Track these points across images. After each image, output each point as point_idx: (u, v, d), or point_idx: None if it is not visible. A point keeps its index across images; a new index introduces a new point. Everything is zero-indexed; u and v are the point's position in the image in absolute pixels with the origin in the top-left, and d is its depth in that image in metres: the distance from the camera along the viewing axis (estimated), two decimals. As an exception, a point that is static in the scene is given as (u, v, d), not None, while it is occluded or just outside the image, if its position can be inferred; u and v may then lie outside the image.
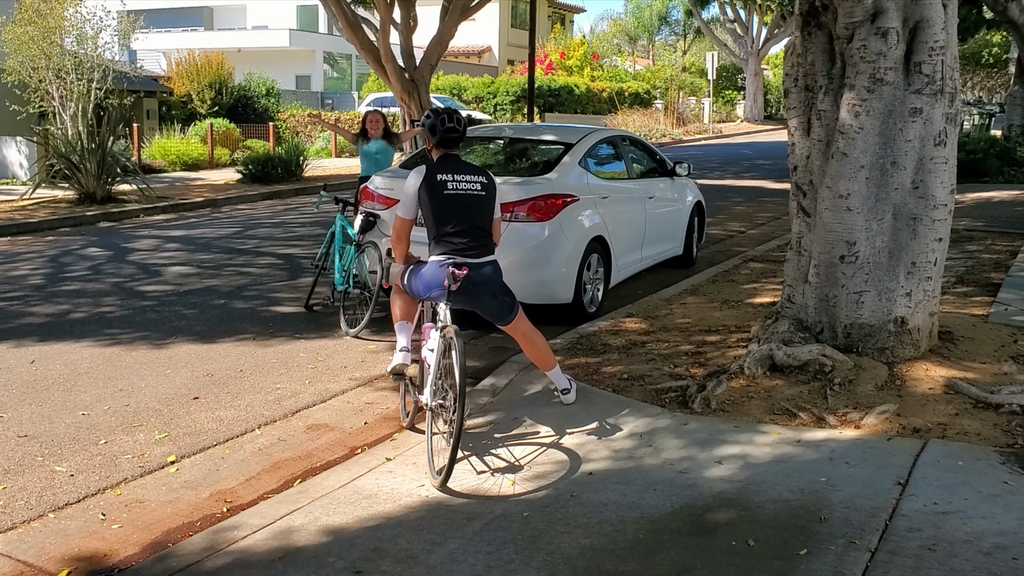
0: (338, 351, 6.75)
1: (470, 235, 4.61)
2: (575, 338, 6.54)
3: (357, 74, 44.66)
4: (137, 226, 13.64)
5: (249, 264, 10.19)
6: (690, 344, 6.24)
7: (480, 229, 4.67)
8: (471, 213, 4.64)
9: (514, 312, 4.80)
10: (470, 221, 4.63)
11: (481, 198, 4.69)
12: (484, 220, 4.71)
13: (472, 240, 4.61)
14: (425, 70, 21.67)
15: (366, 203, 7.58)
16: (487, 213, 4.73)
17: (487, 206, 4.73)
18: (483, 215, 4.70)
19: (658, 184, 8.99)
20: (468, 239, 4.60)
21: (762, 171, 21.62)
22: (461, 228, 4.60)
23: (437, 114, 4.70)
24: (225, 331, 7.28)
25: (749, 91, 49.62)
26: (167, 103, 28.19)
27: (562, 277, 7.15)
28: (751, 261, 9.61)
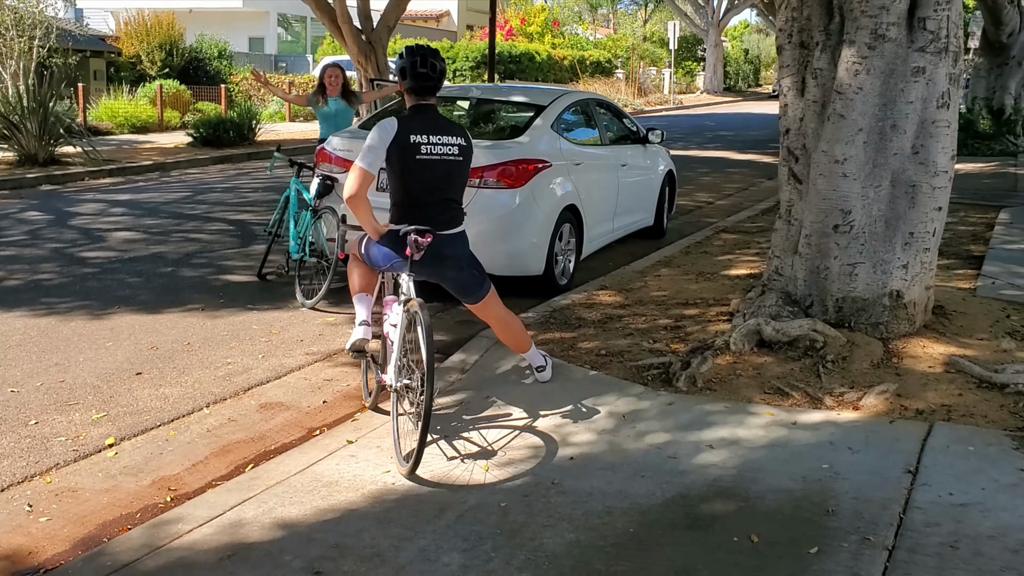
0: (294, 324, 6.32)
1: (440, 207, 4.20)
2: (547, 312, 6.18)
3: (312, 37, 43.58)
4: (81, 189, 12.97)
5: (198, 230, 9.67)
6: (668, 318, 5.92)
7: (452, 201, 4.26)
8: (445, 183, 4.20)
9: (484, 288, 4.40)
10: (442, 192, 4.20)
11: (458, 164, 4.25)
12: (458, 190, 4.29)
13: (441, 212, 4.21)
14: (382, 32, 21.00)
15: (323, 165, 7.12)
16: (462, 182, 4.31)
17: (463, 174, 4.31)
18: (458, 185, 4.29)
19: (631, 151, 8.63)
20: (437, 211, 4.19)
21: (725, 142, 21.38)
22: (431, 199, 4.18)
23: (411, 53, 4.21)
24: (172, 301, 6.81)
25: (709, 62, 49.40)
26: (115, 64, 27.17)
27: (533, 248, 6.77)
28: (723, 232, 9.32)
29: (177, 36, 27.89)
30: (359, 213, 4.18)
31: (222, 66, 28.84)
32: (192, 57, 27.99)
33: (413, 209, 4.17)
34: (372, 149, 4.13)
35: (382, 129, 4.16)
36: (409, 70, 4.18)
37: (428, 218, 4.15)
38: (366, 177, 4.12)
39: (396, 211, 4.21)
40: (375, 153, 4.12)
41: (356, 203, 4.14)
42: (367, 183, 4.13)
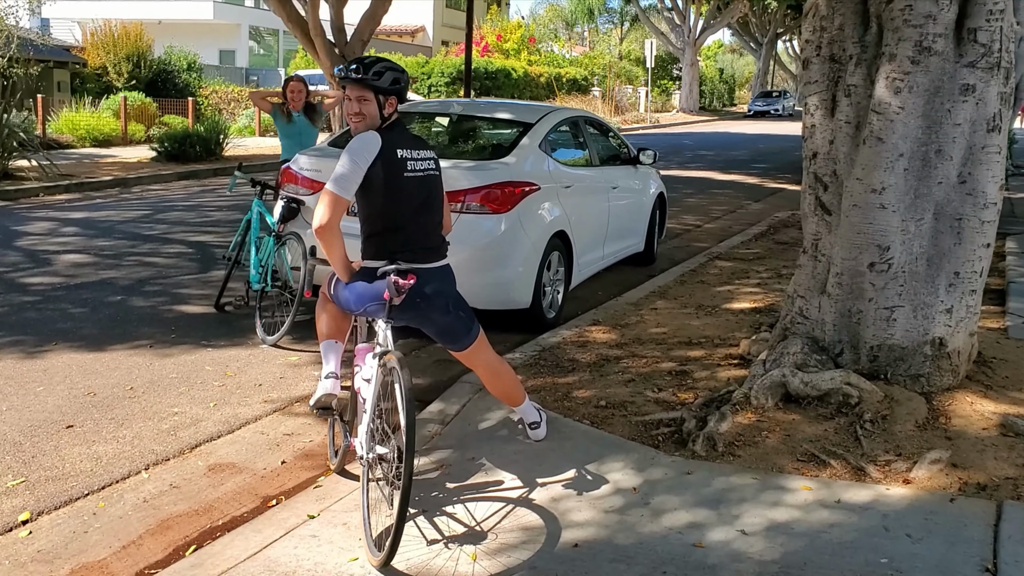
0: (252, 363, 5.64)
1: (424, 231, 3.59)
2: (536, 352, 5.55)
3: (285, 51, 42.85)
4: (34, 206, 12.20)
5: (155, 253, 8.95)
6: (671, 361, 5.31)
7: (435, 224, 3.66)
8: (427, 203, 3.60)
9: (472, 333, 3.77)
10: (426, 213, 3.60)
11: (436, 180, 3.68)
12: (439, 210, 3.70)
13: (425, 238, 3.59)
14: (356, 46, 20.41)
15: (288, 187, 6.46)
16: (440, 198, 3.73)
17: (440, 191, 3.73)
18: (438, 203, 3.70)
19: (622, 173, 8.05)
20: (421, 237, 3.57)
21: (707, 162, 20.92)
22: (414, 224, 3.56)
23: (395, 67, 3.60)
24: (118, 336, 6.11)
25: (685, 81, 49.22)
26: (80, 75, 26.32)
27: (520, 278, 6.15)
28: (717, 259, 8.74)
29: (145, 48, 27.10)
30: (330, 248, 3.54)
31: (191, 79, 28.07)
32: (160, 69, 27.20)
33: (394, 238, 3.53)
34: (350, 169, 3.47)
35: (363, 144, 3.51)
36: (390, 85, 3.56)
37: (412, 249, 3.53)
38: (340, 204, 3.47)
39: (372, 244, 3.57)
40: (353, 174, 3.47)
41: (328, 236, 3.49)
42: (341, 211, 3.48)
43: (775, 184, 16.87)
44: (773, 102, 50.91)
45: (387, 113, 3.59)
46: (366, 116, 3.57)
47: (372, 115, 3.58)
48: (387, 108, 3.59)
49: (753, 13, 52.01)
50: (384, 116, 3.59)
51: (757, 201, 14.42)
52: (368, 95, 3.55)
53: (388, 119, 3.60)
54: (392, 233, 3.53)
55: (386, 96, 3.58)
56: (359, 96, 3.55)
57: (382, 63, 3.59)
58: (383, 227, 3.54)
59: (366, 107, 3.56)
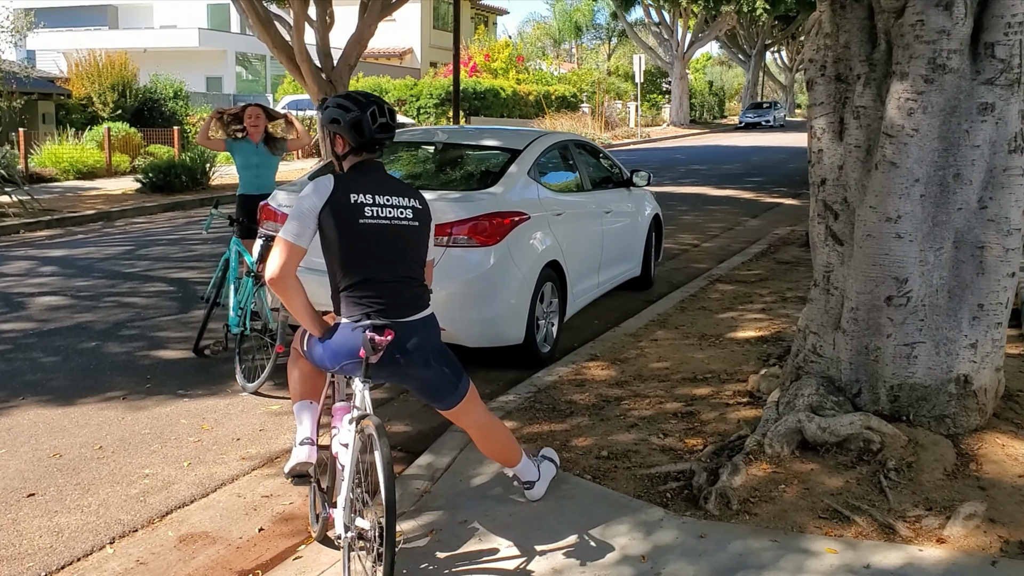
0: (231, 414, 5.31)
1: (395, 286, 3.26)
2: (531, 393, 5.24)
3: (272, 76, 42.69)
4: (13, 244, 11.88)
5: (134, 292, 8.63)
6: (676, 401, 5.00)
7: (409, 278, 3.32)
8: (398, 254, 3.27)
9: (460, 390, 3.45)
10: (396, 266, 3.26)
11: (413, 231, 3.33)
12: (415, 264, 3.35)
13: (399, 293, 3.27)
14: (343, 70, 20.20)
15: (267, 224, 6.16)
16: (420, 252, 3.38)
17: (420, 242, 3.38)
18: (414, 256, 3.35)
19: (615, 196, 7.76)
20: (393, 292, 3.26)
21: (700, 177, 20.68)
22: (383, 277, 3.24)
23: (364, 105, 3.28)
24: (90, 387, 5.78)
25: (675, 95, 49.14)
26: (65, 106, 26.05)
27: (512, 313, 5.85)
28: (718, 282, 8.45)
29: (130, 77, 26.86)
30: (289, 301, 3.23)
31: (178, 107, 27.81)
32: (147, 98, 26.95)
33: (361, 293, 3.22)
34: (300, 215, 3.19)
35: (314, 189, 3.23)
36: (368, 124, 3.26)
37: (382, 303, 3.21)
38: (293, 253, 3.17)
39: (341, 300, 3.26)
40: (304, 220, 3.18)
41: (282, 287, 3.19)
42: (295, 260, 3.18)
43: (771, 199, 16.62)
44: (764, 113, 50.83)
45: (339, 151, 3.30)
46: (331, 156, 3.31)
47: (328, 153, 3.31)
48: (337, 146, 3.31)
49: (741, 25, 52.04)
50: (337, 154, 3.31)
51: (754, 217, 14.16)
52: (321, 131, 3.29)
53: (341, 159, 3.31)
54: (360, 288, 3.22)
55: (329, 134, 3.31)
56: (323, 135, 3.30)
57: (335, 98, 3.31)
58: (349, 281, 3.23)
59: (327, 146, 3.29)
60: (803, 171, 22.67)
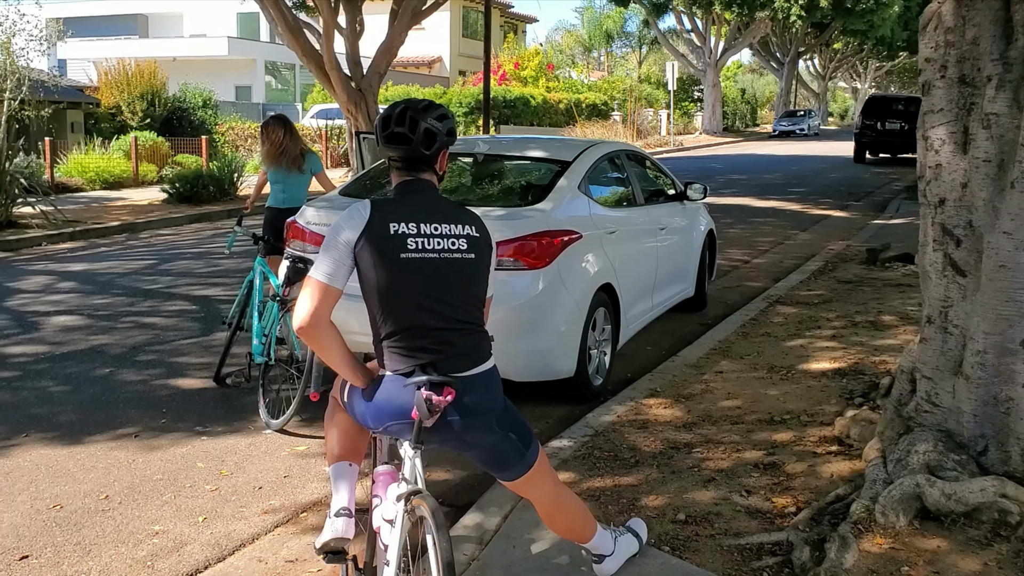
0: (252, 457, 4.78)
1: (448, 334, 2.70)
2: (588, 437, 4.65)
3: (301, 85, 42.48)
4: (34, 257, 11.48)
5: (154, 311, 8.15)
6: (755, 448, 4.40)
7: (465, 323, 2.75)
8: (450, 294, 2.72)
9: (528, 457, 2.86)
10: (448, 309, 2.70)
11: (468, 265, 2.76)
12: (472, 305, 2.79)
13: (453, 342, 2.71)
14: (373, 79, 19.79)
15: (294, 243, 5.63)
16: (477, 290, 2.82)
17: (477, 278, 2.80)
18: (471, 295, 2.79)
19: (669, 211, 7.17)
20: (446, 342, 2.70)
21: (740, 187, 20.00)
22: (433, 323, 2.68)
23: (386, 111, 2.81)
24: (100, 422, 5.27)
25: (708, 102, 48.37)
26: (94, 115, 25.84)
27: (562, 343, 5.27)
28: (778, 304, 7.82)
29: (160, 85, 26.62)
30: (324, 351, 2.69)
31: (207, 116, 27.54)
32: (175, 107, 26.70)
33: (408, 343, 2.66)
34: (333, 250, 2.66)
35: (347, 219, 2.70)
36: (380, 131, 2.76)
37: (434, 355, 2.65)
38: (326, 296, 2.63)
39: (384, 350, 2.71)
40: (338, 256, 2.65)
41: (314, 337, 2.65)
42: (328, 305, 2.64)
43: (818, 211, 15.93)
44: (799, 121, 49.91)
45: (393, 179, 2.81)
46: None
47: None
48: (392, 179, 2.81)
49: (774, 32, 51.22)
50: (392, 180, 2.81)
51: (804, 230, 13.49)
52: None
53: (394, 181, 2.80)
54: (405, 337, 2.67)
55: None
56: None
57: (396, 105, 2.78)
58: (392, 329, 2.67)
59: None
60: (847, 181, 22.00)
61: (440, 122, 2.79)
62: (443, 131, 2.79)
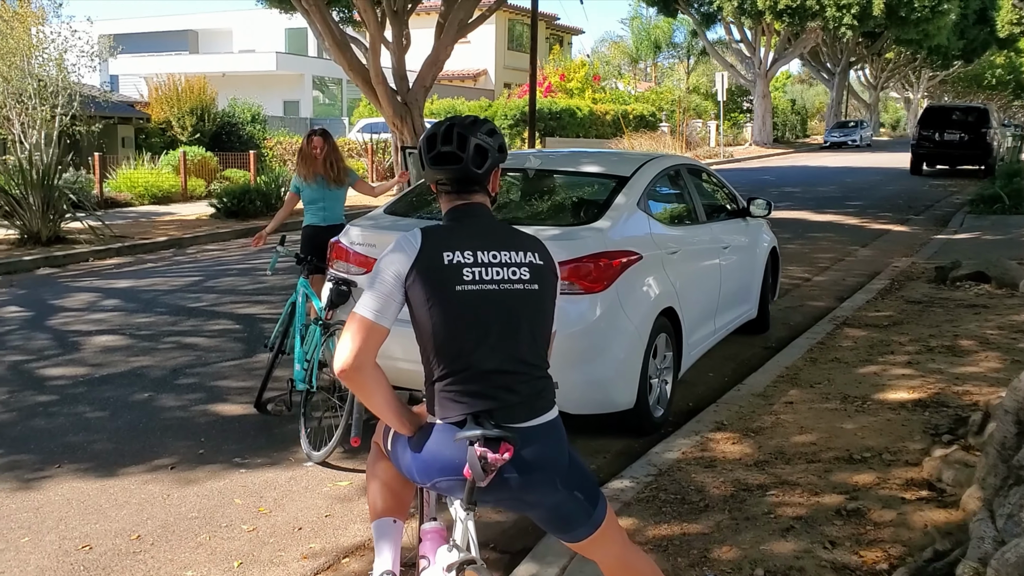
0: (292, 492, 4.50)
1: (508, 377, 2.39)
2: (651, 476, 4.30)
3: (348, 99, 42.66)
4: (81, 273, 11.42)
5: (197, 331, 7.96)
6: (835, 491, 4.02)
7: (528, 365, 2.44)
8: (511, 331, 2.41)
9: (596, 517, 2.53)
10: (508, 348, 2.40)
11: (531, 297, 2.46)
12: (535, 343, 2.48)
13: (515, 383, 2.40)
14: (419, 92, 19.67)
15: (338, 264, 5.37)
16: (542, 326, 2.51)
17: (541, 311, 2.50)
18: (534, 331, 2.48)
19: (731, 228, 6.80)
20: (504, 386, 2.39)
21: (795, 200, 19.46)
22: (489, 364, 2.37)
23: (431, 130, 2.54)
24: (136, 452, 5.05)
25: (758, 113, 47.65)
26: (144, 130, 26.09)
27: (622, 373, 4.93)
28: (845, 326, 7.39)
29: (209, 101, 26.82)
30: (367, 398, 2.40)
31: (255, 131, 27.68)
32: (224, 122, 26.87)
33: (461, 387, 2.36)
34: (380, 284, 2.38)
35: (396, 249, 2.42)
36: (425, 152, 2.50)
37: (491, 402, 2.35)
38: (372, 335, 2.34)
39: (436, 393, 2.41)
40: (386, 290, 2.37)
41: (358, 382, 2.36)
42: (374, 345, 2.35)
43: (878, 225, 15.38)
44: (850, 132, 48.96)
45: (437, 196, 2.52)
46: None
47: None
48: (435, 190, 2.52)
49: (824, 42, 50.36)
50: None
51: (864, 246, 12.98)
52: None
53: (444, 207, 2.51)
54: (459, 379, 2.37)
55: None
56: None
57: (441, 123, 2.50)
58: (445, 370, 2.37)
59: None
60: (905, 194, 21.31)
61: (491, 137, 2.52)
62: (494, 147, 2.51)
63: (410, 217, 5.58)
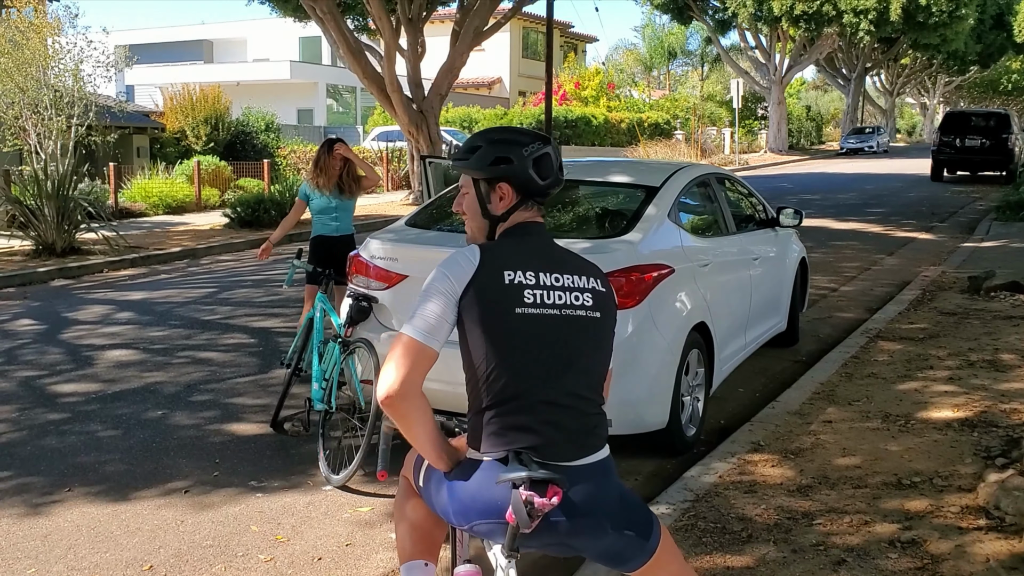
0: (311, 518, 4.30)
1: (562, 411, 2.19)
2: (688, 503, 4.08)
3: (363, 107, 42.62)
4: (95, 285, 11.29)
5: (211, 345, 7.79)
6: (887, 519, 3.79)
7: (583, 399, 2.23)
8: (570, 361, 2.21)
9: (650, 545, 2.29)
10: (566, 379, 2.20)
11: (593, 326, 2.27)
12: (593, 375, 2.27)
13: (568, 417, 2.19)
14: (434, 100, 19.55)
15: (357, 279, 5.17)
16: (600, 358, 2.30)
17: (602, 343, 2.31)
18: (593, 363, 2.27)
19: (761, 239, 6.60)
20: (555, 421, 2.18)
21: (815, 207, 19.17)
22: (544, 395, 2.17)
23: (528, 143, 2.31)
24: (149, 474, 4.86)
25: (773, 120, 47.33)
26: (159, 140, 26.06)
27: (654, 392, 4.72)
28: (879, 339, 7.14)
29: (223, 110, 26.78)
30: (408, 428, 2.21)
31: (269, 139, 27.63)
32: (239, 131, 26.83)
33: (511, 419, 2.16)
34: (432, 301, 2.18)
35: (451, 265, 2.22)
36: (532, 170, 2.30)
37: (540, 436, 2.15)
38: (421, 359, 2.15)
39: (481, 425, 2.21)
40: (438, 309, 2.17)
41: (402, 411, 2.17)
42: (422, 370, 2.16)
43: (902, 233, 15.11)
44: (867, 138, 48.59)
45: (496, 210, 2.28)
46: (469, 218, 2.29)
47: (474, 213, 2.31)
48: (493, 202, 2.28)
49: (840, 48, 50.02)
50: (493, 215, 2.28)
51: (890, 254, 12.72)
52: (467, 183, 2.30)
53: (501, 220, 2.28)
54: (509, 410, 2.16)
55: (489, 182, 2.27)
56: (460, 186, 2.34)
57: (480, 135, 2.30)
58: (495, 399, 2.17)
59: (467, 201, 2.29)
60: (927, 200, 21.00)
61: None
62: None
63: (432, 230, 5.38)
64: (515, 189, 2.29)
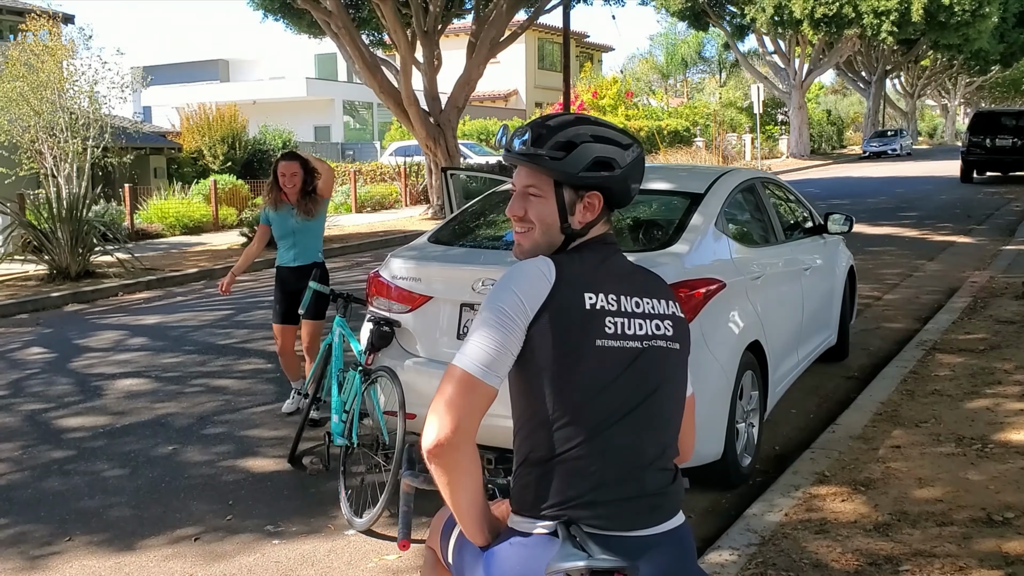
0: (333, 571, 3.88)
1: (644, 466, 1.79)
2: (753, 547, 3.63)
3: (379, 123, 42.42)
4: (109, 309, 10.97)
5: (227, 371, 7.42)
6: (984, 565, 3.33)
7: (664, 451, 1.83)
8: (656, 400, 1.81)
9: None
10: (642, 423, 1.79)
11: (675, 358, 1.87)
12: (672, 420, 1.87)
13: (643, 473, 1.79)
14: (451, 113, 19.22)
15: (378, 302, 4.76)
16: (680, 395, 1.91)
17: (682, 378, 1.91)
18: (676, 402, 1.88)
19: (809, 247, 6.15)
20: (632, 472, 1.78)
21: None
22: (618, 441, 1.77)
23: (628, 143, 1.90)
24: (157, 519, 4.46)
25: (794, 125, 46.74)
26: (176, 160, 25.91)
27: (708, 420, 4.25)
28: (936, 352, 6.66)
29: (240, 128, 26.65)
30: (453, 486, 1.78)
31: (286, 157, 27.40)
32: (255, 149, 26.67)
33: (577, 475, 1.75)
34: (495, 325, 1.75)
35: (520, 280, 1.79)
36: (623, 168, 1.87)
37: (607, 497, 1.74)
38: (479, 397, 1.73)
39: (533, 479, 1.80)
40: (502, 336, 1.75)
41: (451, 463, 1.75)
42: (480, 411, 1.75)
43: (940, 237, 14.57)
44: (890, 141, 47.86)
45: (578, 223, 1.85)
46: (535, 227, 1.85)
47: (547, 225, 1.85)
48: (579, 214, 1.85)
49: (860, 51, 49.40)
50: (572, 230, 1.85)
51: (931, 259, 12.21)
52: (542, 185, 1.84)
53: (579, 235, 1.86)
54: (574, 458, 1.75)
55: (578, 190, 1.83)
56: (526, 187, 1.86)
57: (574, 127, 1.86)
58: (556, 450, 1.75)
59: (536, 208, 1.85)
60: (960, 203, 20.41)
61: None
62: None
63: (457, 246, 4.97)
64: (606, 199, 1.88)
